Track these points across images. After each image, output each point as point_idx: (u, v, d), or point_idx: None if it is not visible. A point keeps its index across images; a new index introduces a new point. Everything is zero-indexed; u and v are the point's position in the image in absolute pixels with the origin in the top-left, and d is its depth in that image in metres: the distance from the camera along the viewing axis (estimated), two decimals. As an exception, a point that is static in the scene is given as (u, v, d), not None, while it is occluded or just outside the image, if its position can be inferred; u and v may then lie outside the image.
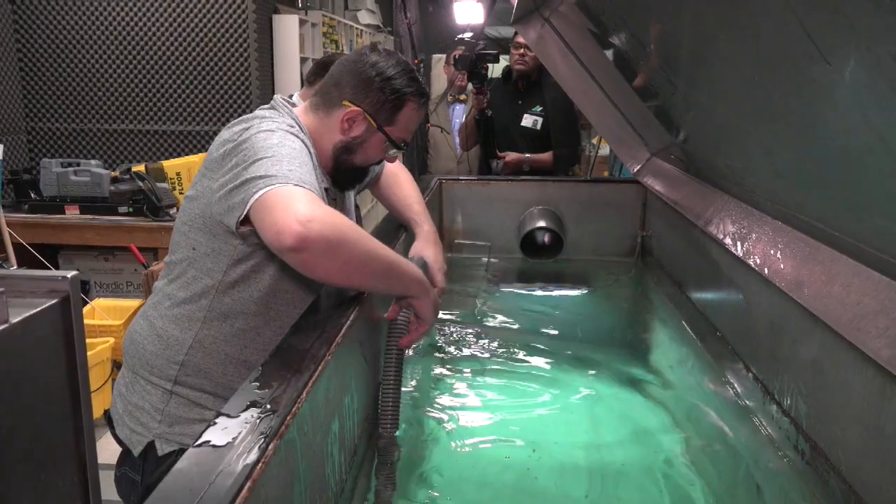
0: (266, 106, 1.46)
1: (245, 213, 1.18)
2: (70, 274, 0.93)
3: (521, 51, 3.38)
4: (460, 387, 1.91)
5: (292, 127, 1.38)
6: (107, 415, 1.50)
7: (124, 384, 1.46)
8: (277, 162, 1.20)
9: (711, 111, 1.76)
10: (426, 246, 1.68)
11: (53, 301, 0.91)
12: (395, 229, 1.86)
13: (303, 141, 1.35)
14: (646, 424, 1.74)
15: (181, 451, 1.37)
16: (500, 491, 1.50)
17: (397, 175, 1.81)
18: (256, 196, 1.15)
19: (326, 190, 1.45)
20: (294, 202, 1.12)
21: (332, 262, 1.17)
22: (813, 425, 1.29)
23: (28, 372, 0.88)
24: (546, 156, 3.48)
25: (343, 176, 1.50)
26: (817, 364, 1.27)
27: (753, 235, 1.61)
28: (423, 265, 1.54)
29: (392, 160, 1.62)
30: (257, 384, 0.93)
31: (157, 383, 1.39)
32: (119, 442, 1.46)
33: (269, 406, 0.88)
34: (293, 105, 1.48)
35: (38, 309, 0.89)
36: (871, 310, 1.08)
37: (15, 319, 0.84)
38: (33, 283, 0.93)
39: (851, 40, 0.86)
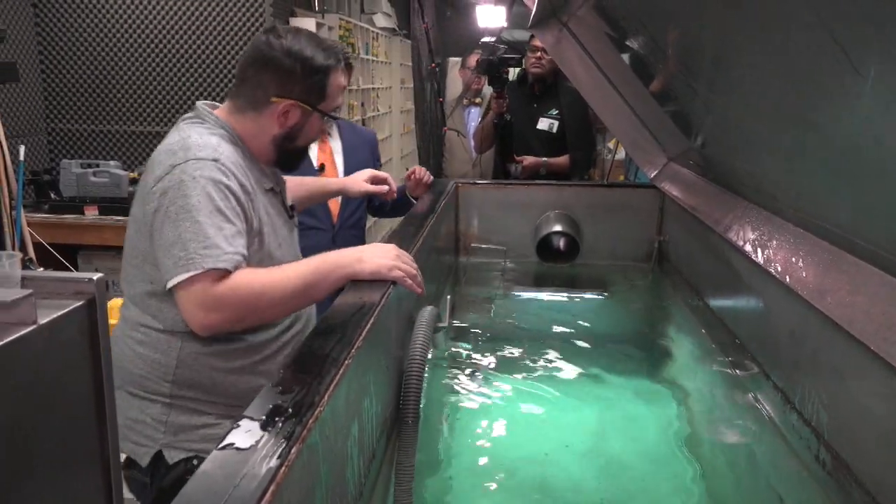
0: (190, 115, 1.44)
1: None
2: (96, 276, 0.93)
3: (538, 54, 3.38)
4: (474, 389, 1.91)
5: (224, 135, 1.39)
6: None
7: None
8: (191, 239, 1.24)
9: (732, 116, 1.74)
10: (354, 177, 1.98)
11: (80, 303, 0.91)
12: (413, 235, 1.86)
13: (224, 153, 1.34)
14: (661, 431, 1.73)
15: (190, 459, 1.35)
16: (512, 493, 1.50)
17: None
18: (171, 283, 1.26)
19: (271, 190, 1.46)
20: (194, 303, 1.25)
21: (247, 322, 1.34)
22: (834, 435, 1.27)
23: (54, 373, 0.89)
24: (563, 159, 3.46)
25: (288, 160, 1.52)
26: (839, 373, 1.26)
27: (774, 242, 1.59)
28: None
29: (335, 118, 1.66)
30: (279, 388, 0.94)
31: (154, 399, 1.39)
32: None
33: (291, 410, 0.88)
34: (215, 107, 1.46)
35: (65, 311, 0.89)
36: (896, 319, 1.07)
37: (43, 321, 0.85)
38: (60, 284, 0.93)
39: (881, 48, 0.85)
